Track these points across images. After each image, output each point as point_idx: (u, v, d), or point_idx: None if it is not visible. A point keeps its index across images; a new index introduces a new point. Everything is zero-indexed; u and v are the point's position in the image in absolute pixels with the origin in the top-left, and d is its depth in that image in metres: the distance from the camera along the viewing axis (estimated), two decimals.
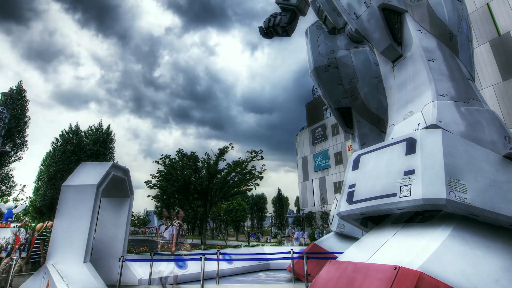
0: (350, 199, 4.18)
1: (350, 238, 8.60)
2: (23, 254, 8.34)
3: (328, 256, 7.88)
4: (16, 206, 24.59)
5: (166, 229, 8.99)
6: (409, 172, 3.50)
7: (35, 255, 8.58)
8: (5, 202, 24.91)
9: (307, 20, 10.83)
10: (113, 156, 41.20)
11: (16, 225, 16.09)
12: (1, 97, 28.08)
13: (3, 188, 31.41)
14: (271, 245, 17.24)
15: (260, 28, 10.45)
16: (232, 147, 25.40)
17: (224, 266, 10.29)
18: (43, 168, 41.61)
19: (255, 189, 27.35)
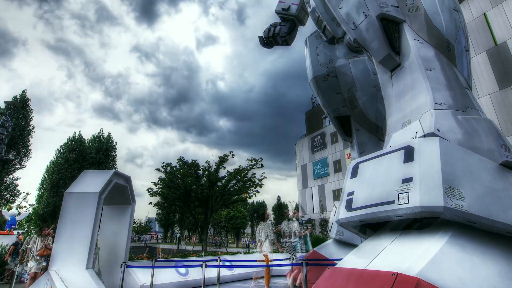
0: (348, 206, 4.21)
1: (348, 245, 8.60)
2: None
3: (327, 263, 7.89)
4: (19, 214, 24.60)
5: None
6: (407, 180, 3.54)
7: None
8: (9, 210, 24.92)
9: (307, 29, 10.97)
10: (115, 164, 41.28)
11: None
12: (5, 105, 28.21)
13: (7, 196, 31.38)
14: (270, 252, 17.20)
15: (260, 37, 10.57)
16: (233, 155, 25.46)
17: (225, 272, 10.31)
18: (46, 175, 41.69)
19: (255, 196, 27.37)
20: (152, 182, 25.75)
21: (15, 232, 18.87)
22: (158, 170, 24.97)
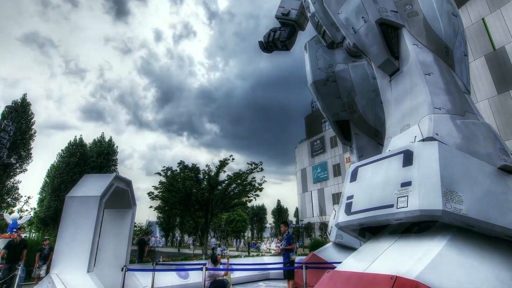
0: (348, 210, 4.23)
1: (348, 248, 8.62)
2: None
3: (326, 266, 7.90)
4: (20, 217, 24.57)
5: None
6: (406, 184, 3.56)
7: None
8: (10, 213, 24.89)
9: (306, 34, 11.03)
10: (116, 168, 41.33)
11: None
12: (6, 110, 28.25)
13: (9, 199, 31.39)
14: (270, 255, 17.32)
15: (260, 42, 10.64)
16: (233, 159, 25.49)
17: None
18: (47, 179, 41.74)
19: (255, 200, 27.37)
20: (152, 186, 25.80)
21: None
22: (159, 174, 25.00)
